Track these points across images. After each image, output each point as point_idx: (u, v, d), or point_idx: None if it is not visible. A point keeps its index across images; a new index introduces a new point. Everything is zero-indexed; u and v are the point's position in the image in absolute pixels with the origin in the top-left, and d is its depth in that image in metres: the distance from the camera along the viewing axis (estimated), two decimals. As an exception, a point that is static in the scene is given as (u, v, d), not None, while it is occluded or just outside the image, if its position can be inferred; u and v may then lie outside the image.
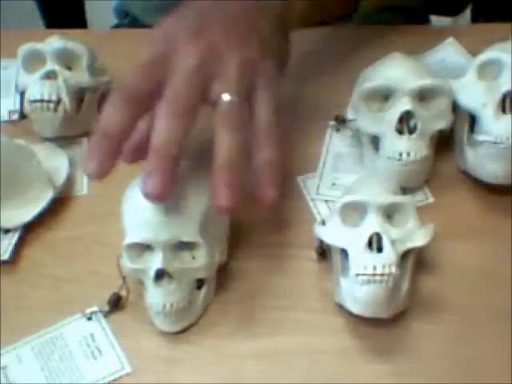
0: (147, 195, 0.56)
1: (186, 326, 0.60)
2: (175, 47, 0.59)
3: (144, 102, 0.58)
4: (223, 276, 0.62)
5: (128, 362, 0.59)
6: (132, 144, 0.61)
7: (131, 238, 0.58)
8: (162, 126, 0.56)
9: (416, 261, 0.60)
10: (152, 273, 0.58)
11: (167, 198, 0.56)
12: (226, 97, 0.58)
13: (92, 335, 0.61)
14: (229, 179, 0.56)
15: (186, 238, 0.58)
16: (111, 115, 0.58)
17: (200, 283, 0.60)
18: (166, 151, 0.56)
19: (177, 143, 0.56)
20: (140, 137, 0.61)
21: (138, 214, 0.59)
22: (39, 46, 0.73)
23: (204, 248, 0.58)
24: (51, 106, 0.70)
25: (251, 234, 0.65)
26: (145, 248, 0.59)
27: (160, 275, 0.58)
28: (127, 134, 0.58)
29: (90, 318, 0.61)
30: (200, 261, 0.59)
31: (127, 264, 0.59)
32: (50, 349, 0.60)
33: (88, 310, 0.62)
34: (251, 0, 0.63)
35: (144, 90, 0.58)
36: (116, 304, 0.61)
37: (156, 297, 0.58)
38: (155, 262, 0.57)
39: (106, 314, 0.61)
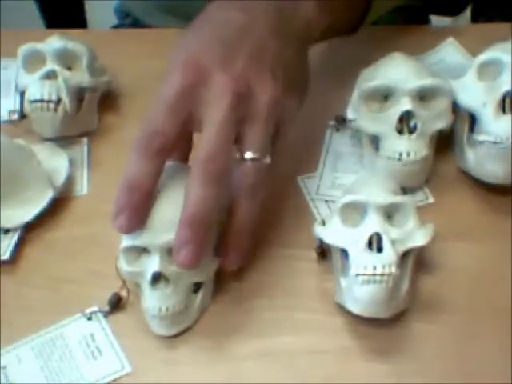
0: (179, 265, 0.55)
1: (182, 330, 0.60)
2: (205, 78, 0.57)
3: (172, 148, 0.57)
4: (222, 276, 0.62)
5: (128, 361, 0.59)
6: None
7: (128, 240, 0.58)
8: (197, 193, 0.54)
9: (416, 261, 0.60)
10: (149, 276, 0.57)
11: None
12: (248, 155, 0.57)
13: (92, 335, 0.61)
14: (241, 244, 0.58)
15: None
16: (138, 167, 0.56)
17: (197, 287, 0.60)
18: (201, 222, 0.55)
19: (212, 212, 0.55)
20: None
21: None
22: (39, 46, 0.73)
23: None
24: (51, 105, 0.70)
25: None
26: (142, 251, 0.58)
27: (156, 278, 0.58)
28: (155, 183, 0.57)
29: (89, 318, 0.61)
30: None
31: (124, 267, 0.59)
32: (50, 349, 0.60)
33: (88, 310, 0.62)
34: (275, 23, 0.61)
35: (171, 136, 0.56)
36: (116, 304, 0.61)
37: (152, 300, 0.58)
38: (152, 265, 0.57)
39: (106, 314, 0.61)
